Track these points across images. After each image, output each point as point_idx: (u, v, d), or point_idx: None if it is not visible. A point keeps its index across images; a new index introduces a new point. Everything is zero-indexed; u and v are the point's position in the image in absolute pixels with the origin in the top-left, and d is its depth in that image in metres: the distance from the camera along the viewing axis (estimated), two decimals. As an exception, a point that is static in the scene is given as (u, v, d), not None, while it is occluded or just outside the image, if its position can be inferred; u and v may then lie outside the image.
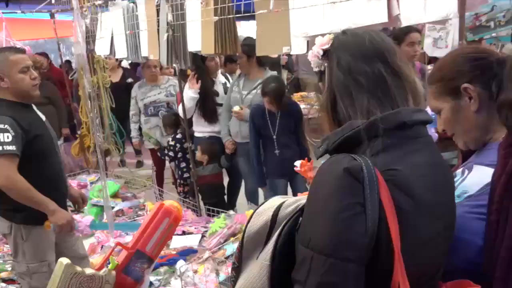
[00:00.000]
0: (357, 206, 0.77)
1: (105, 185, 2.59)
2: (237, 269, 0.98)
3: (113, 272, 1.37)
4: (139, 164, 6.17)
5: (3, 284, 2.72)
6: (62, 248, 2.40)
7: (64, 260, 1.30)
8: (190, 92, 3.49)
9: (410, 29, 2.81)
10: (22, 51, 2.27)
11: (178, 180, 4.07)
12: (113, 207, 3.73)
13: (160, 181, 4.49)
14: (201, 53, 3.01)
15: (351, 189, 0.78)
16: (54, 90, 5.30)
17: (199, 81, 3.52)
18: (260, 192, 3.61)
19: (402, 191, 0.81)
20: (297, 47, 2.52)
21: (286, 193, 3.29)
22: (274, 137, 3.22)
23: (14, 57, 2.18)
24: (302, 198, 0.99)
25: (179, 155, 3.96)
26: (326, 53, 0.96)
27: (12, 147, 2.05)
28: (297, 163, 2.01)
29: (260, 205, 1.02)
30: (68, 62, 8.72)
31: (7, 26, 4.21)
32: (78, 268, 1.30)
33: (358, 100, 0.89)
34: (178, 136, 3.94)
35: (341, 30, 1.00)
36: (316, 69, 0.99)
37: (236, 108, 3.41)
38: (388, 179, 0.80)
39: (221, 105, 3.74)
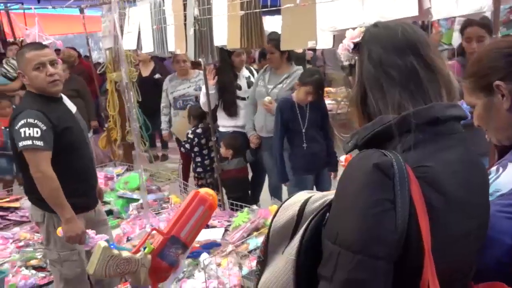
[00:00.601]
0: (386, 202, 0.76)
1: (141, 173, 2.63)
2: (262, 263, 0.98)
3: (149, 256, 1.40)
4: (164, 158, 6.26)
5: (33, 271, 2.81)
6: None
7: (102, 243, 1.34)
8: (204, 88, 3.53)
9: (468, 23, 2.62)
10: (41, 47, 2.24)
11: (193, 174, 4.12)
12: (138, 200, 3.80)
13: (185, 175, 4.53)
14: (227, 47, 3.01)
15: (380, 185, 0.77)
16: (82, 83, 5.41)
17: (215, 77, 3.54)
18: (284, 187, 3.60)
19: (433, 188, 0.79)
20: (323, 42, 2.49)
21: (312, 190, 3.28)
22: (303, 130, 3.20)
23: (29, 54, 2.19)
24: (329, 194, 0.98)
25: (196, 149, 3.99)
26: (356, 46, 0.95)
27: (40, 142, 2.09)
28: (342, 157, 1.99)
29: (286, 200, 1.02)
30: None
31: (39, 22, 4.32)
32: (115, 251, 1.34)
33: (389, 94, 0.87)
34: (198, 130, 3.97)
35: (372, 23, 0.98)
36: (346, 63, 0.97)
37: (266, 100, 3.39)
38: (419, 176, 0.78)
39: (243, 99, 3.75)
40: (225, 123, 3.82)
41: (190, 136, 3.97)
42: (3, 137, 4.70)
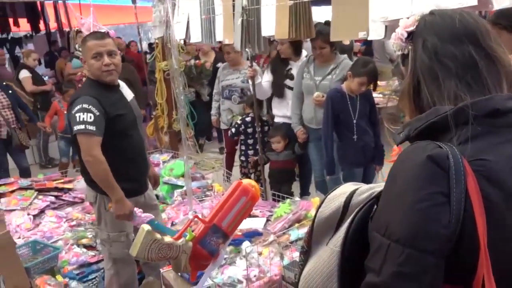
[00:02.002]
0: (440, 196, 0.73)
1: (186, 161, 2.68)
2: (306, 253, 0.98)
3: (190, 243, 1.42)
4: (222, 151, 6.30)
5: (84, 250, 2.97)
6: None
7: (146, 227, 1.37)
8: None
9: None
10: (101, 36, 2.33)
11: (240, 162, 4.18)
12: (182, 186, 3.90)
13: (229, 164, 4.58)
14: (275, 37, 3.00)
15: (434, 177, 0.74)
16: (133, 72, 5.59)
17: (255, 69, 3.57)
18: (330, 181, 3.56)
19: (491, 183, 0.75)
20: (374, 32, 2.42)
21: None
22: (354, 121, 3.13)
23: (90, 43, 2.29)
24: (376, 186, 0.96)
25: (242, 137, 4.04)
26: (410, 36, 0.91)
27: (92, 127, 2.18)
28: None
29: (332, 191, 1.01)
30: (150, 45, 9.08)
31: (94, 12, 4.50)
32: (158, 236, 1.38)
33: (445, 84, 0.83)
34: (247, 119, 4.00)
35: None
36: (399, 53, 0.94)
37: (318, 95, 3.35)
38: (476, 169, 0.75)
39: (292, 88, 3.73)
40: (277, 113, 3.85)
41: (239, 122, 4.02)
42: (65, 121, 4.98)
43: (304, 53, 3.87)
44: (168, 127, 5.07)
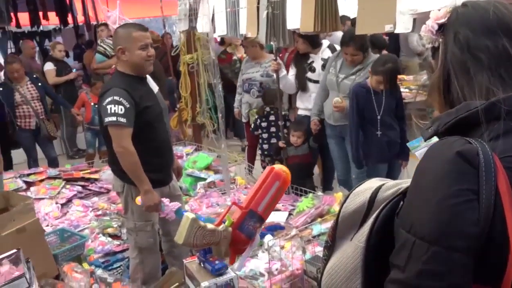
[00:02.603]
0: (468, 193, 0.71)
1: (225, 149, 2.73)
2: (330, 248, 0.98)
3: (230, 229, 1.47)
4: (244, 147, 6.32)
5: (109, 239, 3.04)
6: None
7: (190, 215, 1.41)
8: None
9: None
10: (146, 29, 2.42)
11: (260, 154, 4.23)
12: (205, 179, 3.94)
13: (251, 157, 4.60)
14: (300, 30, 2.98)
15: (463, 174, 0.72)
16: (159, 65, 5.65)
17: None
18: (353, 176, 3.52)
19: None
20: (402, 26, 2.37)
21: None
22: (378, 117, 3.10)
23: (136, 33, 2.33)
24: (402, 182, 0.94)
25: (259, 131, 4.05)
26: (441, 28, 0.89)
27: (123, 119, 2.22)
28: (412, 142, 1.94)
29: (358, 186, 1.00)
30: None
31: (120, 5, 4.57)
32: (202, 223, 1.42)
33: (476, 78, 0.81)
34: (267, 109, 4.01)
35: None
36: (429, 45, 0.92)
37: (337, 101, 3.31)
38: (508, 167, 0.73)
39: (315, 81, 3.71)
40: (300, 105, 3.86)
41: (256, 117, 4.07)
42: (92, 113, 5.09)
43: (325, 43, 3.83)
44: (191, 120, 5.12)
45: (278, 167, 1.58)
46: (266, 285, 2.15)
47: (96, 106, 5.00)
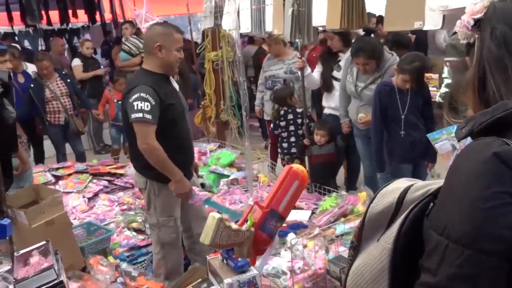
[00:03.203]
0: (505, 195, 0.69)
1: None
2: (355, 249, 0.96)
3: (252, 229, 1.47)
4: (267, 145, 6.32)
5: (134, 233, 3.08)
6: (187, 207, 2.62)
7: (216, 215, 1.41)
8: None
9: None
10: (182, 31, 2.50)
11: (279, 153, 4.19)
12: (228, 176, 3.95)
13: (274, 155, 4.59)
14: (326, 28, 2.95)
15: (500, 176, 0.70)
16: (183, 63, 5.69)
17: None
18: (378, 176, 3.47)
19: None
20: (431, 22, 2.32)
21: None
22: (402, 116, 3.03)
23: (177, 35, 2.43)
24: (433, 183, 0.92)
25: (278, 130, 4.04)
26: (477, 23, 0.86)
27: (149, 116, 2.26)
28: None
29: (385, 186, 0.98)
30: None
31: (148, 3, 4.62)
32: (227, 223, 1.42)
33: None
34: (281, 112, 3.99)
35: None
36: (463, 41, 0.89)
37: (361, 117, 3.26)
38: None
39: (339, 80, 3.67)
40: (326, 104, 3.84)
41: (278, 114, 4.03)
42: (115, 110, 5.18)
43: None
44: (215, 117, 5.14)
45: (296, 166, 1.59)
46: (289, 284, 2.15)
47: (120, 102, 5.11)
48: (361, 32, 3.24)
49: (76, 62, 6.16)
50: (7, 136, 2.41)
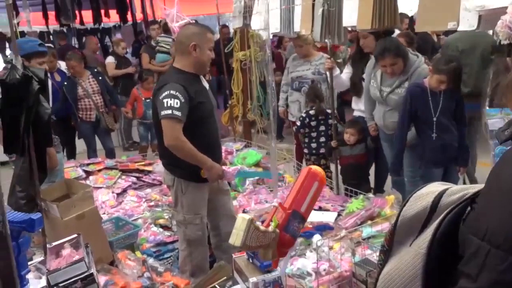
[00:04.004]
0: None
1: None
2: (386, 253, 0.94)
3: (277, 230, 1.50)
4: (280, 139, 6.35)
5: (161, 229, 3.13)
6: (215, 205, 2.65)
7: (245, 216, 1.45)
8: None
9: None
10: (213, 32, 2.57)
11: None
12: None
13: (299, 156, 4.57)
14: (357, 28, 2.91)
15: None
16: None
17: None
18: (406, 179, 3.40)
19: None
20: (466, 23, 2.24)
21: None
22: (434, 119, 2.94)
23: (209, 35, 2.48)
24: (469, 187, 0.89)
25: (306, 129, 4.02)
26: (520, 24, 0.83)
27: (178, 113, 2.29)
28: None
29: (418, 190, 0.96)
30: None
31: (178, 2, 4.67)
32: (256, 224, 1.44)
33: None
34: (311, 112, 3.96)
35: None
36: (505, 42, 0.86)
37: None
38: None
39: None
40: (355, 106, 3.80)
41: (303, 115, 4.01)
42: (143, 108, 5.28)
43: None
44: (242, 117, 5.16)
45: (314, 167, 1.63)
46: (314, 285, 2.13)
47: (147, 101, 5.20)
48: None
49: (110, 60, 6.43)
50: (43, 132, 2.49)
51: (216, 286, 1.94)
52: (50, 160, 3.14)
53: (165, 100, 2.29)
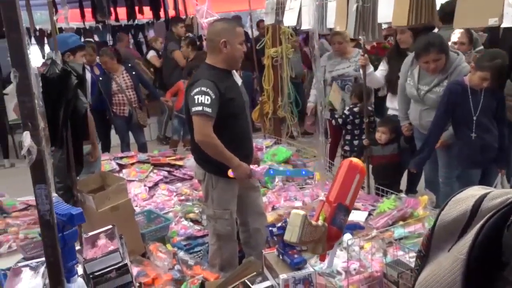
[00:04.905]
0: None
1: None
2: (423, 258, 0.92)
3: (326, 224, 1.52)
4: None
5: (191, 223, 3.18)
6: (244, 201, 2.66)
7: (300, 212, 1.45)
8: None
9: None
10: (242, 25, 2.54)
11: (341, 151, 4.13)
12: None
13: (332, 154, 4.52)
14: (392, 25, 2.84)
15: None
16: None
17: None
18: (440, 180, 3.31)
19: None
20: (510, 19, 2.16)
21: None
22: (474, 118, 2.84)
23: (239, 29, 2.46)
24: (511, 191, 0.86)
25: (348, 127, 3.97)
26: None
27: (209, 109, 2.31)
28: None
29: (458, 193, 0.93)
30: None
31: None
32: (309, 219, 1.46)
33: None
34: (356, 109, 3.90)
35: None
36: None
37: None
38: None
39: None
40: (390, 105, 3.74)
41: (346, 112, 3.95)
42: (183, 102, 5.32)
43: None
44: (272, 113, 5.16)
45: (355, 160, 1.65)
46: (343, 284, 2.11)
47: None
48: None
49: (152, 53, 6.87)
50: (79, 125, 2.57)
51: (246, 281, 1.94)
52: (94, 152, 3.26)
53: (196, 97, 2.31)
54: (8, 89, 5.88)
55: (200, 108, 2.29)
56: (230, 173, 2.42)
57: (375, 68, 3.73)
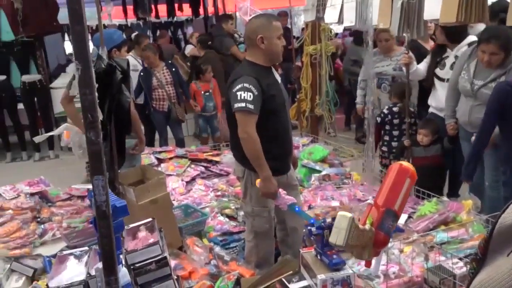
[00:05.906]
0: None
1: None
2: (480, 261, 0.88)
3: (373, 229, 1.48)
4: (361, 139, 6.14)
5: (227, 219, 3.19)
6: None
7: (347, 214, 1.43)
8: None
9: None
10: (279, 19, 2.51)
11: (379, 152, 4.00)
12: (320, 171, 3.90)
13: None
14: (440, 21, 2.74)
15: None
16: (215, 60, 5.73)
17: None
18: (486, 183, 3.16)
19: None
20: None
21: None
22: None
23: (276, 23, 2.43)
24: None
25: (387, 127, 3.85)
26: None
27: (251, 106, 2.30)
28: None
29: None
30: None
31: (251, -4, 4.73)
32: (357, 222, 1.43)
33: None
34: (395, 109, 3.79)
35: None
36: None
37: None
38: None
39: (441, 79, 3.41)
40: (431, 103, 3.62)
41: (385, 111, 3.85)
42: (203, 101, 5.37)
43: (470, 38, 3.41)
44: (310, 111, 5.11)
45: (405, 163, 1.59)
46: (382, 288, 2.06)
47: (207, 94, 5.29)
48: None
49: (190, 47, 7.11)
50: (123, 119, 2.63)
51: (283, 279, 1.93)
52: (140, 145, 3.34)
53: (238, 93, 2.31)
54: (54, 83, 6.13)
55: (243, 104, 2.29)
56: (258, 183, 2.35)
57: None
